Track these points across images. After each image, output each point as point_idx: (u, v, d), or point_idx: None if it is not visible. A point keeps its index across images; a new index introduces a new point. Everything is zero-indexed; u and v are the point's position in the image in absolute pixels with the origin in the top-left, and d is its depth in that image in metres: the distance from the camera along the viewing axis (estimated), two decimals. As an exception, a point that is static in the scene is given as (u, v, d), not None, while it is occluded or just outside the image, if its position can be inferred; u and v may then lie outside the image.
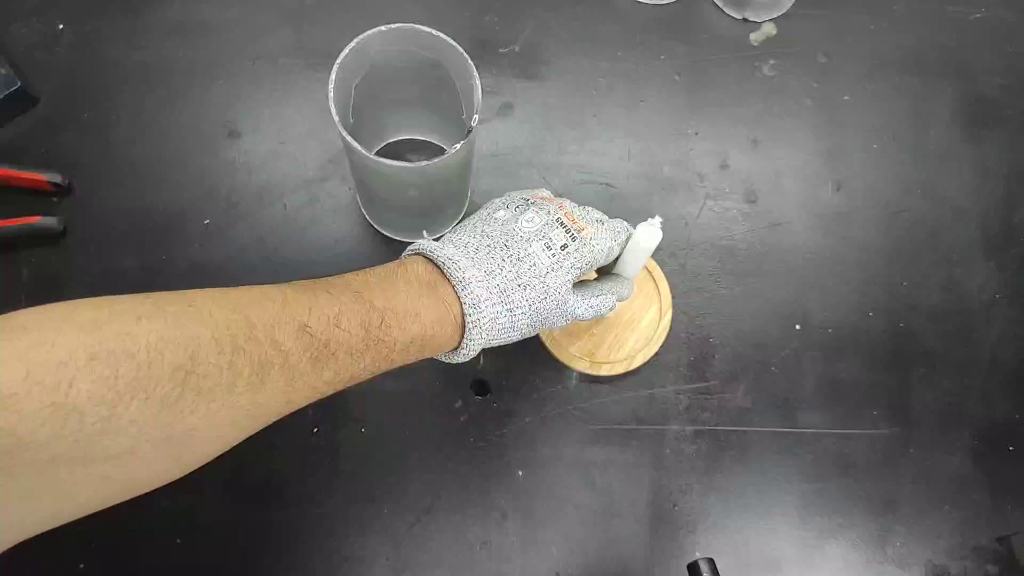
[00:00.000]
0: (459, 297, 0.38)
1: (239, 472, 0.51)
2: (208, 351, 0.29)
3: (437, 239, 0.42)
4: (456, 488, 0.51)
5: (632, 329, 0.54)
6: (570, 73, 0.62)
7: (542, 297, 0.40)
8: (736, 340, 0.56)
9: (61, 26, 0.59)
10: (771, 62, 0.63)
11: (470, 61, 0.44)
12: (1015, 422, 0.56)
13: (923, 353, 0.57)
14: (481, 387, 0.53)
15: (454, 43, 0.44)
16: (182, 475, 0.31)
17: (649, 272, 0.55)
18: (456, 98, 0.48)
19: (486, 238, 0.40)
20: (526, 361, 0.54)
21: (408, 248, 0.41)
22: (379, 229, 0.56)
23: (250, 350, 0.31)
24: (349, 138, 0.42)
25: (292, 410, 0.34)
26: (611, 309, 0.45)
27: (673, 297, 0.55)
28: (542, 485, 0.52)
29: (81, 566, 0.48)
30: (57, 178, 0.54)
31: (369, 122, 0.51)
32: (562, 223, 0.41)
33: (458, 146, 0.43)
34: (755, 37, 0.64)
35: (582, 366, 0.53)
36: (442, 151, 0.57)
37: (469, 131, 0.43)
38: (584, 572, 0.51)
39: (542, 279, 0.40)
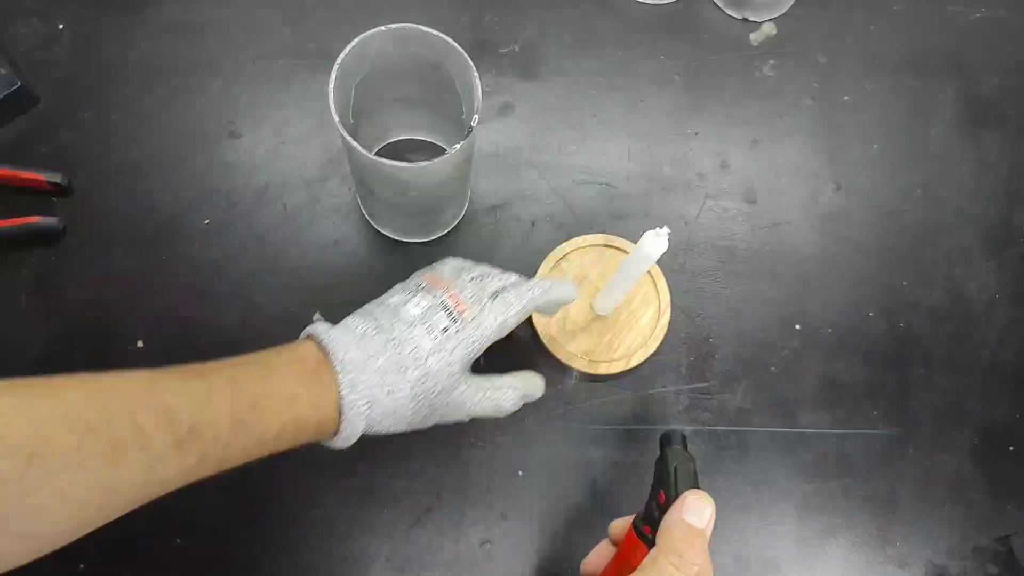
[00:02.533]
0: (338, 379, 0.38)
1: (239, 472, 0.50)
2: (56, 429, 0.29)
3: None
4: (456, 488, 0.51)
5: (630, 328, 0.54)
6: (570, 73, 0.62)
7: (423, 379, 0.40)
8: (736, 340, 0.56)
9: (61, 26, 0.59)
10: (771, 62, 0.63)
11: (470, 61, 0.44)
12: (1015, 422, 0.56)
13: (923, 353, 0.57)
14: (481, 387, 0.53)
15: (454, 44, 0.44)
16: (34, 558, 0.31)
17: (648, 271, 0.55)
18: (456, 98, 0.48)
19: (373, 321, 0.41)
20: (526, 361, 0.54)
21: (304, 331, 0.41)
22: (379, 229, 0.56)
23: (103, 431, 0.30)
24: (349, 138, 0.42)
25: (165, 492, 0.34)
26: (514, 405, 0.45)
27: (673, 297, 0.55)
28: (542, 485, 0.52)
29: (81, 566, 0.48)
30: (57, 178, 0.54)
31: (369, 122, 0.52)
32: (445, 306, 0.42)
33: (458, 146, 0.43)
34: (755, 37, 0.64)
35: (580, 364, 0.53)
36: (442, 151, 0.57)
37: (469, 131, 0.43)
38: (584, 572, 0.51)
39: (423, 362, 0.40)
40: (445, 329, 0.41)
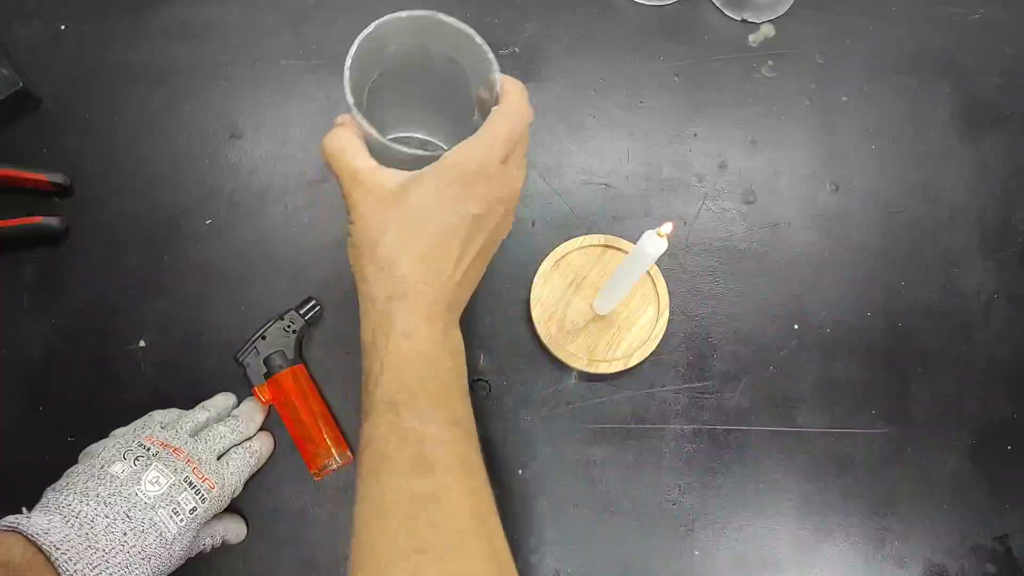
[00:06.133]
0: None
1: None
2: None
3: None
4: (456, 487, 0.52)
5: (630, 328, 0.54)
6: (570, 74, 0.62)
7: (167, 563, 0.39)
8: (735, 340, 0.56)
9: (63, 27, 0.59)
10: (770, 63, 0.64)
11: (491, 55, 0.42)
12: (1013, 421, 0.57)
13: (921, 353, 0.57)
14: (481, 387, 0.54)
15: (472, 32, 0.42)
16: None
17: (647, 271, 0.56)
18: (462, 97, 0.48)
19: (103, 506, 0.37)
20: (526, 361, 0.54)
21: (2, 522, 0.36)
22: (380, 229, 0.56)
23: None
24: (364, 123, 0.41)
25: None
26: (213, 547, 0.45)
27: (672, 297, 0.55)
28: (542, 484, 0.52)
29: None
30: (59, 178, 0.54)
31: (373, 120, 0.51)
32: (190, 483, 0.40)
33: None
34: (754, 38, 0.64)
35: (580, 364, 0.53)
36: (443, 151, 0.57)
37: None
38: (584, 571, 0.51)
39: (168, 548, 0.38)
40: (193, 510, 0.39)
